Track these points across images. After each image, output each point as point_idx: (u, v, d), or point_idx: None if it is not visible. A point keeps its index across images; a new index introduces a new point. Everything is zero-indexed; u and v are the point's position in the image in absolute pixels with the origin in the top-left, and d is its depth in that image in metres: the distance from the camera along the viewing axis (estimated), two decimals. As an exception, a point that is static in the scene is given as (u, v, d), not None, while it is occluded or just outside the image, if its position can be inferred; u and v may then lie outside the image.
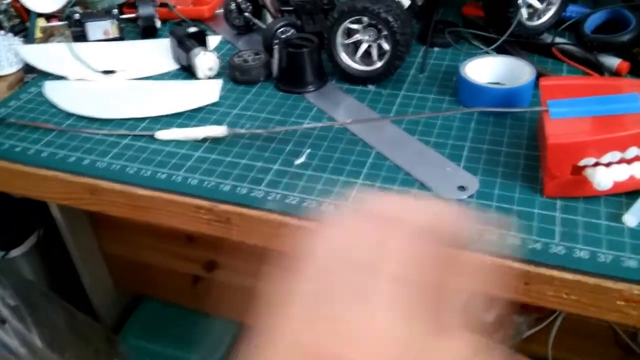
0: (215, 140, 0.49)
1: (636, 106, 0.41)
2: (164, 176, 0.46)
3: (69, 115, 0.55)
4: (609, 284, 0.36)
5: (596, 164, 0.40)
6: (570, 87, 0.44)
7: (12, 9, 0.68)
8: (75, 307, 0.91)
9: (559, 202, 0.41)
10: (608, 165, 0.40)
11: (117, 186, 0.46)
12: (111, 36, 0.64)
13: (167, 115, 0.53)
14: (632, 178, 0.40)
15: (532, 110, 0.46)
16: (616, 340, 0.94)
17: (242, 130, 0.50)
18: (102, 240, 1.01)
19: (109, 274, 1.06)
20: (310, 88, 0.56)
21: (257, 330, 0.23)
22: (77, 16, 0.63)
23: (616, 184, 0.40)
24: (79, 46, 0.63)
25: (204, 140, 0.49)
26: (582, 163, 0.40)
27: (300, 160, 0.47)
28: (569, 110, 0.42)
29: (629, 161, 0.40)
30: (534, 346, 1.00)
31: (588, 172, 0.40)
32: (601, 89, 0.43)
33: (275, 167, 0.46)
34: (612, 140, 0.39)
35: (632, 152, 0.39)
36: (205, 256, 0.95)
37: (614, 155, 0.40)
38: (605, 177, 0.39)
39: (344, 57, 0.56)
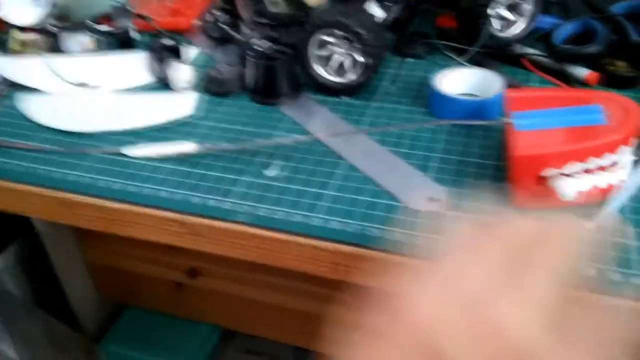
0: (187, 154, 0.50)
1: (599, 118, 0.42)
2: (134, 189, 0.46)
3: (43, 128, 0.55)
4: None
5: (560, 175, 0.41)
6: (536, 98, 0.45)
7: (-12, 21, 0.68)
8: (58, 316, 0.90)
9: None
10: (570, 175, 0.41)
11: (89, 199, 0.46)
12: (88, 48, 0.64)
13: (141, 128, 0.54)
14: (595, 188, 0.41)
15: (498, 123, 0.47)
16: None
17: (213, 147, 0.50)
18: (84, 248, 1.01)
19: (91, 282, 1.06)
20: (284, 99, 0.57)
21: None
22: (53, 29, 0.63)
23: (583, 194, 0.40)
24: (55, 59, 0.63)
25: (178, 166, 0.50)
26: (544, 174, 0.41)
27: (271, 171, 0.47)
28: (532, 122, 0.42)
29: (591, 171, 0.41)
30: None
31: (552, 182, 0.41)
32: (566, 101, 0.44)
33: (246, 178, 0.47)
34: (572, 151, 0.40)
35: (592, 162, 0.40)
36: (188, 263, 0.96)
37: (575, 166, 0.40)
38: (569, 187, 0.40)
39: (318, 69, 0.57)
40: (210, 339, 1.11)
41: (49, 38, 0.64)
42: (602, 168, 0.42)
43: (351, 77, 0.56)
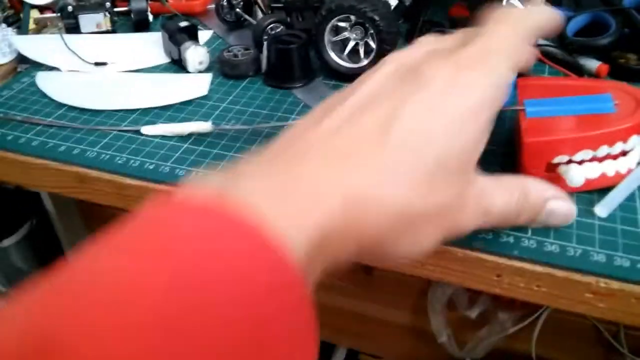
0: (202, 134, 0.51)
1: (609, 106, 0.42)
2: (151, 167, 0.47)
3: (61, 105, 0.56)
4: (577, 277, 0.37)
5: (569, 162, 0.41)
6: (547, 87, 0.46)
7: (6, 1, 0.69)
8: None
9: (533, 198, 0.42)
10: (581, 163, 0.41)
11: (106, 175, 0.47)
12: (103, 29, 0.65)
13: (156, 107, 0.54)
14: (603, 175, 0.42)
15: (510, 109, 0.47)
16: (598, 338, 0.96)
17: (227, 127, 0.51)
18: (92, 231, 1.02)
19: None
20: (298, 84, 0.57)
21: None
22: (70, 8, 0.64)
23: (587, 181, 0.41)
24: (72, 38, 0.64)
25: (191, 134, 0.51)
26: (555, 161, 0.41)
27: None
28: (544, 109, 0.43)
29: (601, 159, 0.42)
30: (518, 343, 1.01)
31: (562, 169, 0.42)
32: (577, 90, 0.45)
33: (261, 159, 0.47)
34: (585, 139, 0.40)
35: (603, 150, 0.41)
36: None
37: (586, 154, 0.41)
38: (577, 174, 0.41)
39: (332, 54, 0.58)
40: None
41: (66, 18, 0.65)
42: (612, 156, 0.42)
43: (365, 63, 0.56)
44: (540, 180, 0.37)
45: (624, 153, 0.43)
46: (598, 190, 0.43)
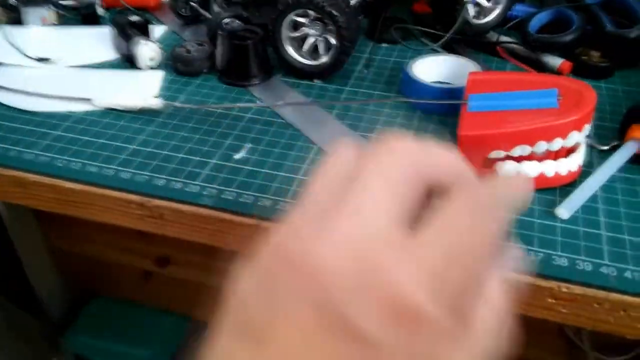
0: (154, 133, 0.48)
1: (552, 101, 0.41)
2: (94, 169, 0.44)
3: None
4: (539, 282, 0.36)
5: (507, 158, 0.40)
6: (495, 81, 0.44)
7: (-56, -9, 0.65)
8: (21, 304, 0.87)
9: (494, 200, 0.41)
10: (519, 160, 0.40)
11: (46, 179, 0.44)
12: (49, 23, 0.62)
13: (104, 107, 0.51)
14: (542, 175, 0.40)
15: (459, 104, 0.45)
16: (561, 334, 0.97)
17: (178, 104, 0.49)
18: (47, 233, 0.98)
19: (56, 269, 1.03)
20: (255, 81, 0.55)
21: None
22: (12, 1, 0.60)
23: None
24: (14, 31, 0.60)
25: (141, 130, 0.48)
26: (492, 156, 0.40)
27: (240, 155, 0.46)
28: (485, 103, 0.42)
29: (540, 158, 0.40)
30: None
31: (497, 165, 0.40)
32: (525, 84, 0.43)
33: (213, 161, 0.45)
34: (520, 133, 0.39)
35: (541, 146, 0.39)
36: (157, 251, 0.93)
37: (523, 149, 0.40)
38: (510, 171, 0.39)
39: (290, 51, 0.55)
40: (179, 329, 1.09)
41: (10, 11, 0.61)
42: (552, 155, 0.41)
43: (324, 60, 0.54)
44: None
45: (566, 153, 0.42)
46: (560, 190, 0.42)
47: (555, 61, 0.56)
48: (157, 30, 0.63)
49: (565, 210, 0.39)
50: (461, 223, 0.19)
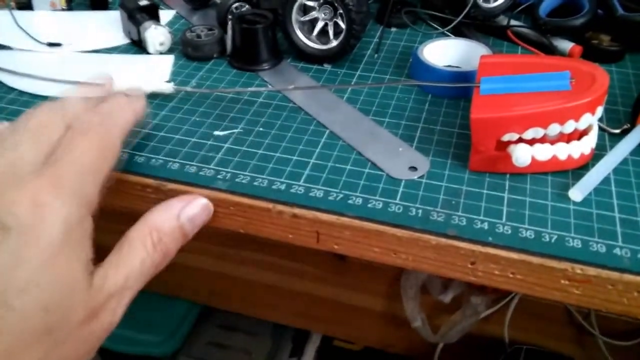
0: (166, 118, 0.48)
1: (564, 84, 0.41)
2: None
3: (11, 89, 0.52)
4: (553, 263, 0.36)
5: (520, 140, 0.40)
6: (507, 64, 0.44)
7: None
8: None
9: (507, 183, 0.41)
10: (532, 143, 0.40)
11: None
12: (58, 8, 0.61)
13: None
14: (555, 158, 0.41)
15: (470, 88, 0.45)
16: (570, 320, 0.97)
17: (189, 89, 0.50)
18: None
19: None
20: (265, 66, 0.55)
21: None
22: (21, -15, 0.60)
23: (538, 163, 0.40)
24: (23, 15, 0.60)
25: (154, 115, 0.48)
26: (505, 138, 0.40)
27: (251, 139, 0.46)
28: (497, 86, 0.41)
29: (553, 141, 0.41)
30: (491, 326, 1.02)
31: (510, 147, 0.40)
32: (537, 67, 0.43)
33: (226, 145, 0.45)
34: (533, 115, 0.39)
35: (554, 129, 0.39)
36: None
37: (536, 132, 0.40)
38: (523, 153, 0.39)
39: (300, 35, 0.55)
40: (188, 316, 1.10)
41: (17, -4, 0.61)
42: (565, 138, 0.41)
43: (334, 44, 0.54)
44: (160, 205, 0.39)
45: (579, 136, 0.42)
46: (573, 173, 0.42)
47: (566, 45, 0.56)
48: (166, 15, 0.63)
49: (578, 193, 0.39)
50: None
